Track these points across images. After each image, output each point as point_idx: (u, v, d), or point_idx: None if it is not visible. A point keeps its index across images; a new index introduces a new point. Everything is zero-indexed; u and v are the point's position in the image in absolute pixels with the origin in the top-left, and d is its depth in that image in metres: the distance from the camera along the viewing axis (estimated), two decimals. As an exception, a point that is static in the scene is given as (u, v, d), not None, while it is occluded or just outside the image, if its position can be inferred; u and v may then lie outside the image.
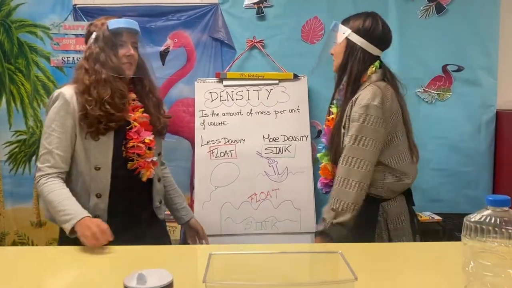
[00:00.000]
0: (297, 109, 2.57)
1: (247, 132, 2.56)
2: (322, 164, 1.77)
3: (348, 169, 1.52)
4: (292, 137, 2.55)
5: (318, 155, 1.81)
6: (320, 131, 2.64)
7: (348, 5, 2.65)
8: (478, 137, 2.70)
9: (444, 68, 2.66)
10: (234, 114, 2.58)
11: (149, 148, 1.61)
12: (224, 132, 2.56)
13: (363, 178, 1.52)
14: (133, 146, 1.57)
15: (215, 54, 2.69)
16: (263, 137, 2.56)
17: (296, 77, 2.61)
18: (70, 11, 2.66)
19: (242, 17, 2.68)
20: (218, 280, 0.78)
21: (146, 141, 1.60)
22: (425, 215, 2.60)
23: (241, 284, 0.78)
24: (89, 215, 1.42)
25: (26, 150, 2.71)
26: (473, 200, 2.74)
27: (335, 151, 1.63)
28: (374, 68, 1.64)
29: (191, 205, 2.67)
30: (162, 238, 1.74)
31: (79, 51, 2.66)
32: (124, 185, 1.58)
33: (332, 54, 1.72)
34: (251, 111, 2.58)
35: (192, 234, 1.90)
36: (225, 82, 2.59)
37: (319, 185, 1.82)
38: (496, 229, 0.82)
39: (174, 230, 2.61)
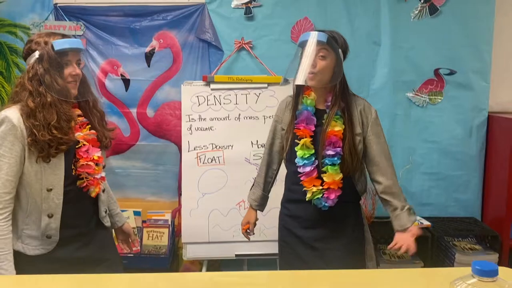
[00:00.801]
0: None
1: (235, 137, 2.51)
2: (336, 177, 1.69)
3: (391, 162, 1.76)
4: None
5: (330, 169, 1.68)
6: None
7: (339, 6, 2.59)
8: (469, 141, 2.68)
9: (436, 72, 2.62)
10: (222, 119, 2.52)
11: (97, 164, 1.61)
12: (212, 138, 2.51)
13: None
14: (82, 165, 1.58)
15: (202, 55, 2.61)
16: (252, 143, 2.51)
17: (285, 80, 2.53)
18: (51, 10, 2.56)
19: (230, 17, 2.60)
20: None
21: (95, 158, 1.60)
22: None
23: None
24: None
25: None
26: (463, 204, 2.75)
27: (353, 162, 1.70)
28: None
29: (179, 209, 2.65)
30: (108, 245, 1.74)
31: (61, 52, 2.58)
32: (74, 201, 1.59)
33: (313, 67, 1.67)
34: (239, 116, 2.52)
35: (125, 238, 1.93)
36: (212, 86, 2.52)
37: (328, 201, 1.70)
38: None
39: (162, 235, 2.59)
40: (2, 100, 2.60)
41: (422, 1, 2.57)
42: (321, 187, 1.70)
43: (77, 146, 1.58)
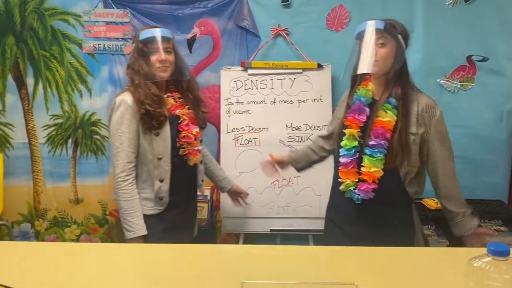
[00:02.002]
0: (320, 99, 2.64)
1: (271, 120, 2.65)
2: (372, 169, 1.64)
3: (455, 176, 1.73)
4: (314, 127, 2.63)
5: (368, 160, 1.64)
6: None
7: (375, -7, 2.64)
8: (499, 126, 2.73)
9: (469, 58, 2.66)
10: (258, 102, 2.66)
11: (195, 138, 1.94)
12: (249, 121, 2.66)
13: None
14: (184, 136, 1.90)
15: (240, 42, 2.74)
16: (286, 126, 2.65)
17: (320, 66, 2.65)
18: (100, -2, 2.73)
19: (268, 5, 2.70)
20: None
21: (194, 133, 1.93)
22: (441, 202, 2.69)
23: None
24: (145, 233, 1.82)
25: (62, 133, 2.87)
26: (491, 187, 2.81)
27: (398, 158, 1.63)
28: None
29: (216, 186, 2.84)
30: (195, 213, 2.16)
31: (110, 38, 2.76)
32: (178, 169, 1.91)
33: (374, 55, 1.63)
34: (274, 100, 2.66)
35: (236, 197, 2.40)
36: (249, 71, 2.66)
37: (361, 193, 1.65)
38: (495, 276, 0.93)
39: (202, 209, 2.78)
40: (56, 83, 2.82)
41: (457, -12, 2.60)
42: (356, 180, 1.66)
43: (178, 122, 1.90)
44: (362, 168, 1.66)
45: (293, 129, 2.64)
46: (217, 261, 1.42)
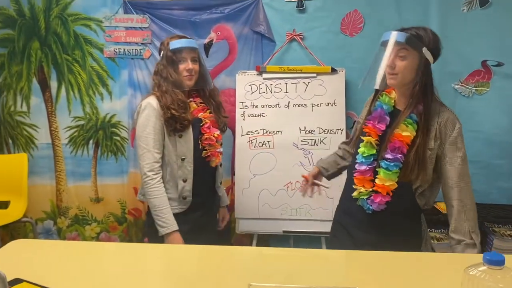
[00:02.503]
0: (334, 103, 2.68)
1: (285, 124, 2.71)
2: (387, 182, 1.62)
3: (468, 187, 1.63)
4: (328, 130, 2.68)
5: (383, 173, 1.63)
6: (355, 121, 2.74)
7: (389, -1, 2.67)
8: (514, 131, 2.73)
9: (484, 63, 2.66)
10: (273, 106, 2.72)
11: (217, 141, 2.05)
12: (263, 124, 2.72)
13: None
14: (206, 138, 2.01)
15: (255, 46, 2.80)
16: (300, 129, 2.70)
17: (334, 70, 2.70)
18: (121, 4, 2.82)
19: (283, 10, 2.75)
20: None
21: (215, 135, 2.04)
22: (455, 206, 2.70)
23: None
24: (177, 228, 1.90)
25: (84, 134, 2.99)
26: (505, 192, 2.81)
27: (412, 173, 1.60)
28: None
29: (232, 187, 2.91)
30: (216, 216, 2.26)
31: (129, 42, 2.85)
32: (200, 170, 2.01)
33: (391, 68, 1.60)
34: (288, 103, 2.71)
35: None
36: (264, 75, 2.72)
37: (374, 204, 1.65)
38: (491, 284, 0.97)
39: (216, 210, 2.86)
40: (78, 86, 2.93)
41: (472, -7, 2.61)
42: (370, 189, 1.65)
43: (201, 124, 2.02)
44: (376, 180, 1.64)
45: (307, 132, 2.69)
46: (229, 263, 1.49)
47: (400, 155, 1.61)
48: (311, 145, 2.69)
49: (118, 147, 2.99)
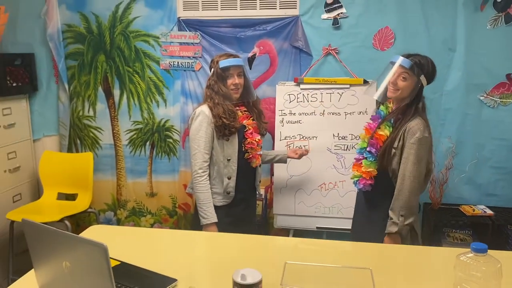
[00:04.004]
0: (365, 111, 2.93)
1: (320, 130, 2.98)
2: (368, 169, 2.11)
3: (412, 185, 2.00)
4: (359, 137, 2.91)
5: (364, 162, 2.13)
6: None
7: (418, 16, 2.88)
8: (538, 139, 2.89)
9: (508, 76, 2.84)
10: (309, 114, 3.00)
11: (258, 145, 2.36)
12: (300, 130, 3.00)
13: (421, 190, 2.10)
14: (249, 142, 2.33)
15: (294, 60, 3.09)
16: (333, 135, 2.97)
17: (365, 82, 2.95)
18: (175, 22, 3.17)
19: (320, 27, 3.02)
20: (291, 285, 1.28)
21: (256, 140, 2.35)
22: (478, 209, 2.89)
23: None
24: (216, 220, 2.24)
25: (142, 137, 3.38)
26: (528, 197, 2.98)
27: (384, 164, 2.06)
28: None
29: (271, 186, 3.22)
30: (255, 210, 2.60)
31: (182, 56, 3.21)
32: (243, 170, 2.33)
33: (394, 85, 2.04)
34: (323, 112, 2.99)
35: (296, 154, 2.70)
36: (302, 86, 3.00)
37: (360, 185, 2.15)
38: (476, 267, 1.23)
39: (257, 206, 3.17)
40: (137, 94, 3.33)
41: (498, 11, 2.79)
42: (359, 173, 2.15)
43: (245, 130, 2.33)
44: (362, 168, 2.14)
45: (340, 138, 2.96)
46: (269, 249, 1.80)
47: (374, 149, 2.09)
48: (344, 150, 2.95)
49: (171, 148, 3.36)
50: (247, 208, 2.45)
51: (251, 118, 2.38)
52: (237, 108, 2.36)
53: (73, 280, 1.37)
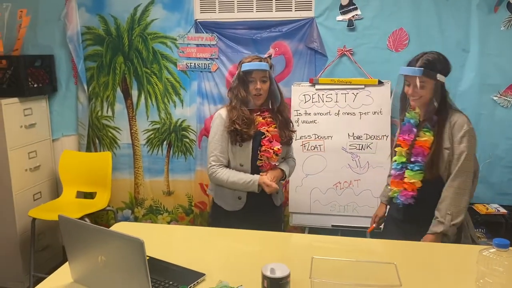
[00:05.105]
0: (380, 112, 2.98)
1: (335, 130, 3.03)
2: (411, 180, 2.00)
3: (464, 181, 1.94)
4: (374, 136, 2.98)
5: (409, 173, 2.01)
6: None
7: (432, 17, 2.92)
8: (551, 138, 2.92)
9: (522, 76, 2.88)
10: (324, 114, 3.05)
11: (276, 154, 2.22)
12: (315, 129, 3.05)
13: (473, 189, 2.02)
14: (264, 150, 2.20)
15: (309, 60, 3.14)
16: (348, 135, 3.02)
17: (380, 83, 2.99)
18: (192, 25, 3.23)
19: (335, 29, 3.07)
20: (320, 278, 1.34)
21: (275, 149, 2.21)
22: (492, 208, 2.92)
23: (338, 284, 1.32)
24: (259, 175, 2.17)
25: (159, 136, 3.45)
26: (542, 196, 3.01)
27: (433, 171, 1.97)
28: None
29: (286, 185, 3.27)
30: (277, 222, 2.40)
31: (199, 57, 3.27)
32: None
33: (413, 95, 2.00)
34: (338, 112, 3.04)
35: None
36: (317, 86, 3.06)
37: (401, 198, 2.03)
38: (499, 262, 1.28)
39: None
40: (155, 95, 3.39)
41: (511, 12, 2.82)
42: (400, 189, 2.03)
43: (262, 137, 2.21)
44: (405, 179, 2.03)
45: (355, 138, 3.01)
46: (292, 245, 1.86)
47: (420, 158, 1.98)
48: (359, 149, 3.00)
49: (187, 148, 3.42)
50: (262, 216, 2.25)
51: (274, 126, 2.25)
52: (260, 114, 2.25)
53: (108, 273, 1.43)
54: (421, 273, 1.57)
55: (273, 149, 2.20)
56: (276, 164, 2.26)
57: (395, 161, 2.11)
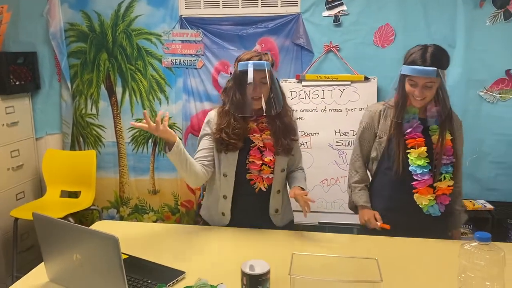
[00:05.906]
0: (366, 108, 2.95)
1: (321, 126, 3.01)
2: (448, 183, 1.88)
3: (461, 171, 1.99)
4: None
5: (447, 176, 1.88)
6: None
7: (418, 13, 2.91)
8: (538, 134, 2.92)
9: (508, 72, 2.87)
10: (311, 110, 3.03)
11: (269, 166, 1.88)
12: (302, 126, 3.01)
13: None
14: (251, 162, 1.88)
15: (295, 57, 3.11)
16: (335, 132, 3.00)
17: (366, 79, 2.98)
18: (177, 20, 3.19)
19: (321, 25, 3.04)
20: (299, 274, 1.31)
21: (266, 159, 1.87)
22: (478, 203, 2.92)
23: (318, 280, 1.29)
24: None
25: (144, 134, 3.40)
26: (528, 191, 3.01)
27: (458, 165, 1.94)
28: None
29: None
30: None
31: (184, 54, 3.23)
32: (246, 191, 1.90)
33: (421, 96, 1.80)
34: (325, 108, 3.02)
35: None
36: (303, 83, 3.04)
37: (441, 206, 1.89)
38: (480, 255, 1.26)
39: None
40: (140, 92, 3.34)
41: (497, 8, 2.82)
42: (433, 196, 1.86)
43: (251, 145, 1.88)
44: (440, 184, 1.87)
45: (341, 134, 2.99)
46: (275, 241, 1.83)
47: (451, 157, 1.89)
48: (345, 146, 2.98)
49: (173, 146, 3.38)
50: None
51: (268, 132, 1.90)
52: (255, 118, 1.92)
53: (84, 272, 1.39)
54: (402, 269, 1.55)
55: (263, 160, 1.88)
56: (271, 176, 1.92)
57: (419, 164, 1.85)
